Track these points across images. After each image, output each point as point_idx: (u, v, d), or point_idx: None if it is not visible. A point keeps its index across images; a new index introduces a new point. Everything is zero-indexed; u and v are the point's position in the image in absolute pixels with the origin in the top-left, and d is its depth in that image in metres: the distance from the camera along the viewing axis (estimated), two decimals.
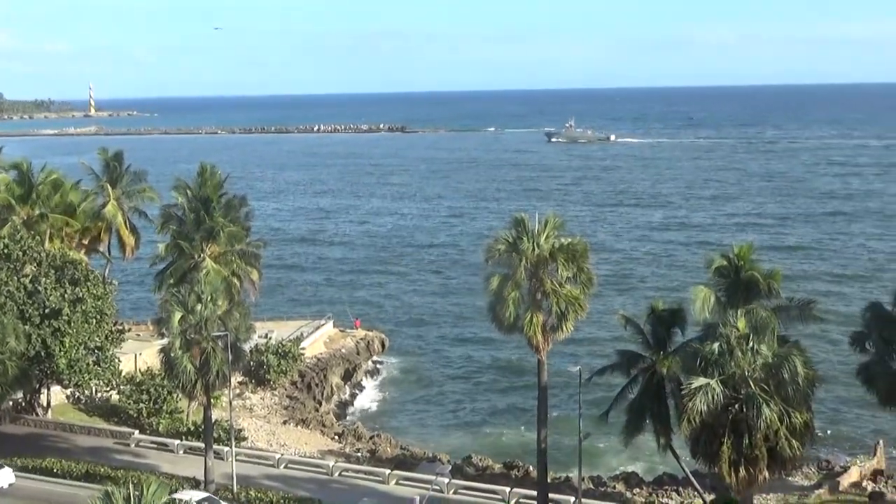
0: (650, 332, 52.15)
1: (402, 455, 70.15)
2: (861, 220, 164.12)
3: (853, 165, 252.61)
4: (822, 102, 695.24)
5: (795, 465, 46.87)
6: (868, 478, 62.65)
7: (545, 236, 50.78)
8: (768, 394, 41.74)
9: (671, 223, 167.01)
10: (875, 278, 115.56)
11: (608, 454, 70.89)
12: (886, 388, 47.41)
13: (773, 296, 48.19)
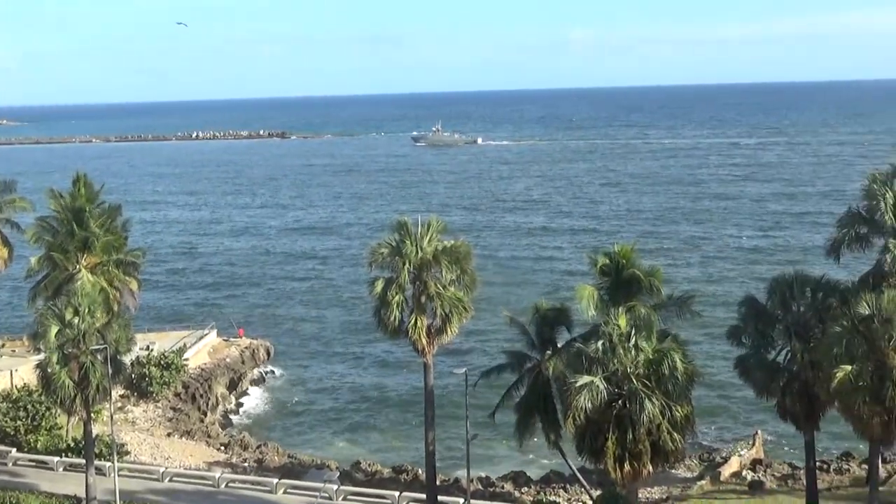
0: (535, 331, 52.72)
1: (290, 463, 69.50)
2: (736, 218, 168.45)
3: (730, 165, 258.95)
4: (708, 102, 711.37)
5: (678, 457, 47.69)
6: (748, 467, 64.33)
7: (428, 239, 50.93)
8: (650, 389, 42.43)
9: (552, 224, 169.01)
10: (749, 274, 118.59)
11: (496, 454, 71.35)
12: (762, 379, 48.66)
13: (654, 293, 49.16)
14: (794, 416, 49.29)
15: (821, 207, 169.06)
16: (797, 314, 48.53)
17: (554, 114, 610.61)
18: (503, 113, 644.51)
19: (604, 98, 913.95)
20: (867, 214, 48.60)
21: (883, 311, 41.61)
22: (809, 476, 53.35)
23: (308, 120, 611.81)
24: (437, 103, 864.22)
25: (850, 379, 40.95)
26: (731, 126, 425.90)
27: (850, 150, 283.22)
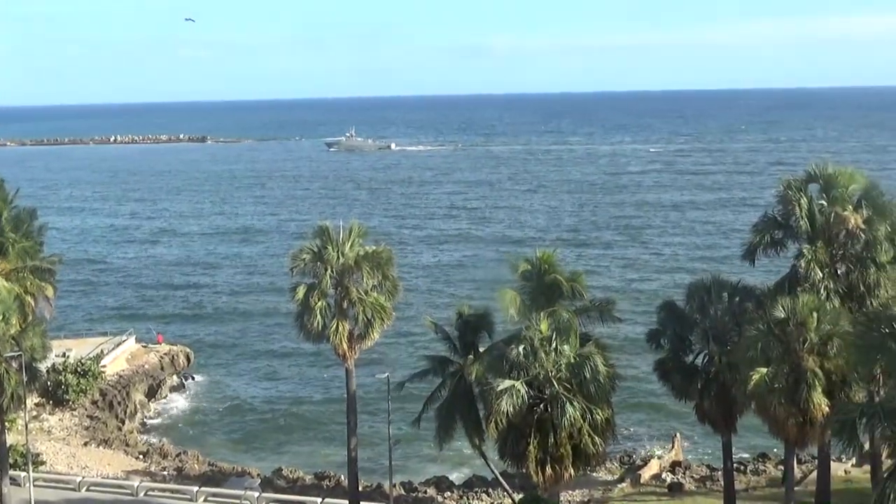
0: (458, 336, 52.87)
1: (211, 471, 68.75)
2: (656, 223, 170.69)
3: (650, 171, 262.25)
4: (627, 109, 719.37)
5: (599, 460, 48.18)
6: (667, 469, 65.20)
7: (350, 245, 50.85)
8: (571, 392, 42.80)
9: (475, 229, 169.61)
10: (669, 278, 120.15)
11: (419, 459, 71.33)
12: (681, 382, 49.36)
13: (575, 297, 49.64)
14: (711, 419, 50.04)
15: (737, 213, 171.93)
16: (714, 318, 49.29)
17: (476, 119, 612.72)
18: (426, 118, 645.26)
19: (526, 104, 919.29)
20: (782, 220, 49.52)
21: (798, 314, 42.40)
22: (727, 477, 54.23)
23: (228, 124, 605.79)
24: (361, 108, 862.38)
25: (765, 381, 41.65)
26: (650, 132, 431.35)
27: (765, 157, 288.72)
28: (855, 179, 48.97)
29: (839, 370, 41.22)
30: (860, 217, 47.57)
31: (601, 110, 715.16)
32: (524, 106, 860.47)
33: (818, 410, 41.34)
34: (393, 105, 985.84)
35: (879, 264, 47.13)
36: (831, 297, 45.69)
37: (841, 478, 59.01)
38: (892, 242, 47.69)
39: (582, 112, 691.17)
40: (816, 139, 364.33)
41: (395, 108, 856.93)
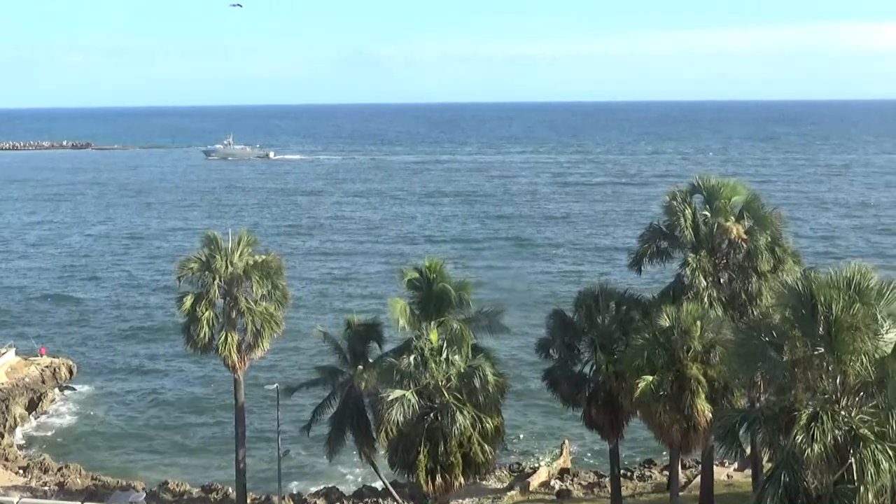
0: (347, 346, 52.68)
1: (94, 486, 67.10)
2: (547, 232, 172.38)
3: (542, 182, 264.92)
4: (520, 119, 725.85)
5: (489, 469, 48.46)
6: (556, 477, 65.84)
7: (239, 254, 50.30)
8: (461, 402, 42.98)
9: (365, 238, 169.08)
10: (558, 287, 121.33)
11: (309, 470, 70.70)
12: (569, 390, 49.95)
13: (464, 307, 49.90)
14: (599, 426, 50.74)
15: (625, 223, 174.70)
16: (602, 327, 50.03)
17: (366, 129, 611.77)
18: (317, 127, 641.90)
19: (416, 114, 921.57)
20: (668, 230, 50.54)
21: (682, 323, 43.31)
22: (614, 483, 55.07)
23: (114, 131, 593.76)
24: (251, 116, 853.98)
25: (651, 389, 42.42)
26: (541, 143, 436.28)
27: (652, 169, 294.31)
28: (737, 191, 50.29)
29: (722, 377, 42.16)
30: (742, 227, 48.87)
31: (492, 120, 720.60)
32: (415, 116, 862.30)
33: (701, 417, 42.25)
34: (282, 114, 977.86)
35: (760, 273, 48.42)
36: (714, 306, 46.77)
37: (723, 482, 60.35)
38: (772, 252, 49.05)
39: (473, 122, 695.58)
40: (701, 151, 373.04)
41: (285, 117, 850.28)
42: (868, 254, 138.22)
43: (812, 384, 30.26)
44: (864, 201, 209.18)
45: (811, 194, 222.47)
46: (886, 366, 28.93)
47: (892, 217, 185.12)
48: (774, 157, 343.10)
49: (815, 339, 29.74)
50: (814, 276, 31.77)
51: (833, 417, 28.69)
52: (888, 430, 28.69)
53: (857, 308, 29.25)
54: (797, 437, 28.44)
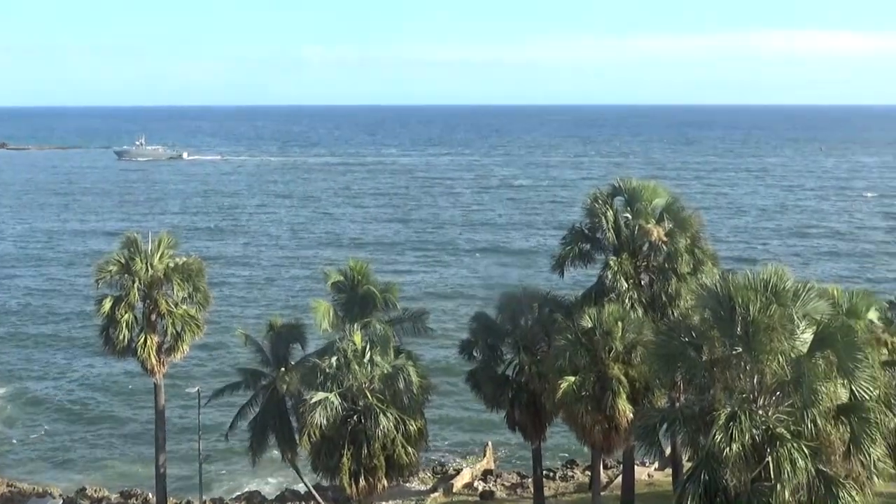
0: (270, 349, 52.29)
1: (9, 492, 65.69)
2: (469, 232, 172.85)
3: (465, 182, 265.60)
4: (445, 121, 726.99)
5: (412, 471, 48.49)
6: (479, 478, 66.01)
7: (159, 256, 49.67)
8: (385, 404, 42.91)
9: (288, 240, 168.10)
10: (482, 290, 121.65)
11: (231, 474, 70.04)
12: (492, 391, 50.05)
13: (389, 309, 49.85)
14: (522, 427, 50.95)
15: (548, 225, 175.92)
16: (525, 328, 50.25)
17: (288, 130, 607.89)
18: (239, 128, 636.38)
19: (340, 116, 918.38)
20: (589, 232, 50.92)
21: (604, 324, 43.70)
22: (536, 484, 55.36)
23: (32, 130, 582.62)
24: (175, 116, 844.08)
25: (573, 389, 42.71)
26: (464, 146, 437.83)
27: (574, 172, 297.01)
28: (658, 193, 50.82)
29: (643, 377, 42.58)
30: (662, 230, 49.39)
31: (414, 123, 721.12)
32: (338, 117, 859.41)
33: (623, 417, 42.65)
34: (203, 115, 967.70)
35: (680, 275, 48.99)
36: (635, 307, 47.20)
37: (644, 481, 61.03)
38: (692, 254, 49.67)
39: (396, 124, 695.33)
40: (622, 154, 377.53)
41: (206, 118, 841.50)
42: (784, 255, 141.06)
43: (730, 384, 30.73)
44: (780, 203, 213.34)
45: (729, 197, 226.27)
46: (802, 365, 29.47)
47: (806, 219, 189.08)
48: (694, 160, 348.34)
49: (734, 339, 30.23)
50: (732, 278, 32.28)
51: (751, 417, 29.16)
52: (804, 428, 29.26)
53: (773, 309, 29.78)
54: (716, 437, 28.85)
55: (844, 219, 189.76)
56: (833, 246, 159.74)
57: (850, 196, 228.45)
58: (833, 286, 41.46)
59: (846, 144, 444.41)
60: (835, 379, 30.06)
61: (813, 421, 29.20)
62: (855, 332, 31.70)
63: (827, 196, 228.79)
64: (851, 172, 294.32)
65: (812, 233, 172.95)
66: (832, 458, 29.74)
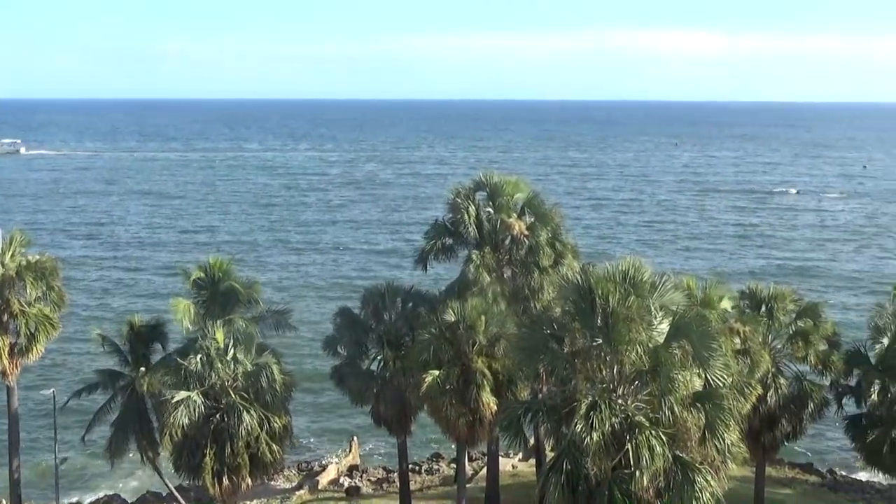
0: (129, 348, 51.10)
1: None
2: (334, 230, 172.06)
3: (328, 178, 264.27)
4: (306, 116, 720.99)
5: (277, 468, 48.04)
6: (345, 474, 65.85)
7: (11, 254, 48.07)
8: (248, 401, 42.44)
9: (146, 237, 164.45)
10: (346, 284, 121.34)
11: (90, 477, 68.22)
12: (357, 387, 49.98)
13: (252, 306, 49.29)
14: (387, 422, 51.02)
15: (412, 219, 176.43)
16: (389, 323, 50.32)
17: (146, 124, 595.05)
18: (91, 122, 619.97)
19: (200, 110, 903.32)
20: (452, 226, 51.24)
21: (467, 318, 44.07)
22: (402, 478, 55.51)
23: None
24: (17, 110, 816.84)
25: (437, 383, 42.98)
26: (327, 140, 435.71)
27: (437, 166, 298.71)
28: (519, 188, 51.48)
29: (506, 370, 43.10)
30: (524, 224, 50.06)
31: (276, 118, 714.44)
32: (198, 111, 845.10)
33: (487, 409, 43.11)
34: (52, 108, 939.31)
35: (542, 268, 49.73)
36: (498, 301, 47.68)
37: (509, 472, 61.82)
38: (553, 248, 50.48)
39: (258, 119, 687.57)
40: (488, 149, 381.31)
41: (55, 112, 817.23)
42: (641, 248, 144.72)
43: (591, 374, 31.34)
44: (636, 197, 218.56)
45: (589, 191, 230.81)
46: (659, 355, 30.25)
47: (662, 212, 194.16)
48: (555, 154, 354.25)
49: (594, 330, 30.84)
50: (592, 270, 32.94)
51: (611, 406, 29.81)
52: (661, 416, 30.06)
53: (632, 300, 30.49)
54: (577, 426, 29.40)
55: (698, 212, 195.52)
56: (688, 238, 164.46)
57: (704, 190, 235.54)
58: (688, 277, 42.67)
59: (700, 139, 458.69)
60: (690, 367, 30.96)
61: (670, 408, 30.01)
62: (709, 321, 32.61)
63: (681, 190, 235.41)
64: (706, 167, 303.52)
65: (668, 226, 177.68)
66: (688, 444, 30.61)
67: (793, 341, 48.05)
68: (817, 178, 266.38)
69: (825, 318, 49.35)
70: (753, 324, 45.64)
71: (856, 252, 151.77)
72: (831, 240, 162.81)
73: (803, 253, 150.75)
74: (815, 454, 71.35)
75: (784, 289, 50.26)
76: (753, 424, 45.55)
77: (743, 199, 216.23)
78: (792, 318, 48.42)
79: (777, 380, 47.23)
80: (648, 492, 29.62)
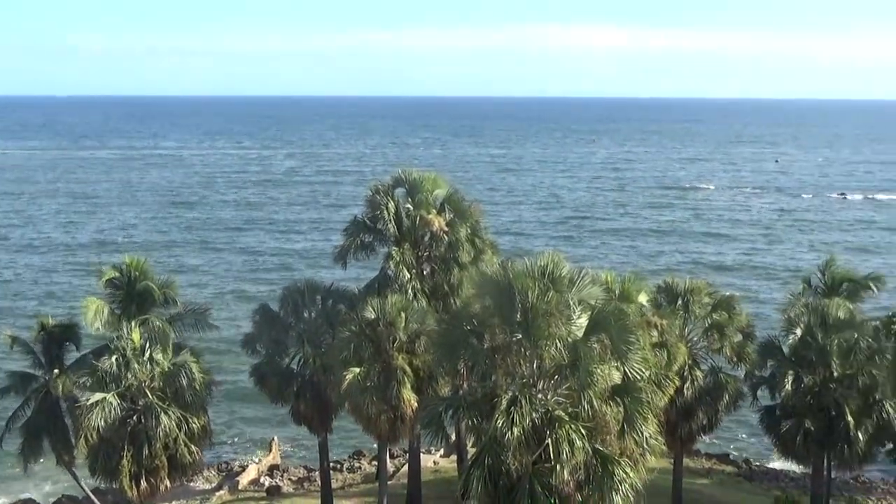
0: (41, 350, 50.05)
1: None
2: (253, 227, 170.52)
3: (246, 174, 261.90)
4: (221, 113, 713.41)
5: (196, 469, 47.60)
6: (265, 473, 65.38)
7: None
8: (166, 402, 41.90)
9: (60, 236, 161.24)
10: (265, 282, 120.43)
11: (3, 481, 66.76)
12: (277, 385, 49.74)
13: (169, 305, 48.61)
14: (307, 420, 50.81)
15: (332, 216, 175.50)
16: (309, 321, 50.12)
17: (59, 122, 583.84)
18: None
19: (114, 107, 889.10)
20: (371, 223, 51.13)
21: (387, 314, 43.98)
22: (323, 477, 55.31)
23: None
24: None
25: (358, 381, 42.82)
26: (243, 137, 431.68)
27: (357, 163, 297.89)
28: (438, 184, 51.58)
29: (427, 366, 43.10)
30: (443, 220, 50.13)
31: (190, 115, 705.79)
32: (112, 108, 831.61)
33: (408, 406, 43.08)
34: None
35: (462, 264, 49.89)
36: (418, 297, 47.75)
37: (430, 469, 61.93)
38: (472, 244, 50.67)
39: (174, 115, 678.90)
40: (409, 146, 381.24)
41: None
42: (560, 243, 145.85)
43: (511, 369, 31.48)
44: (554, 193, 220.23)
45: (507, 187, 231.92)
46: (578, 349, 30.48)
47: (580, 208, 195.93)
48: (473, 151, 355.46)
49: (514, 326, 30.97)
50: (511, 266, 33.06)
51: (531, 401, 29.99)
52: (581, 410, 30.30)
53: (551, 295, 30.68)
54: (498, 421, 29.51)
55: (616, 207, 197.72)
56: (606, 233, 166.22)
57: (621, 185, 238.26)
58: (606, 272, 43.07)
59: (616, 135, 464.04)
60: (609, 361, 31.26)
61: (589, 402, 30.27)
62: (627, 315, 32.95)
63: (600, 186, 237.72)
64: (623, 163, 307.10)
65: (586, 222, 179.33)
66: (608, 438, 30.92)
67: (708, 334, 48.84)
68: (731, 174, 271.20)
69: (739, 311, 50.24)
70: (670, 317, 46.25)
71: (769, 246, 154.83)
72: (746, 234, 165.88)
73: (718, 247, 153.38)
74: (731, 445, 72.69)
75: (700, 282, 51.06)
76: (671, 417, 46.18)
77: (660, 195, 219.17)
78: (707, 311, 49.15)
79: (693, 372, 47.92)
80: (569, 485, 29.87)
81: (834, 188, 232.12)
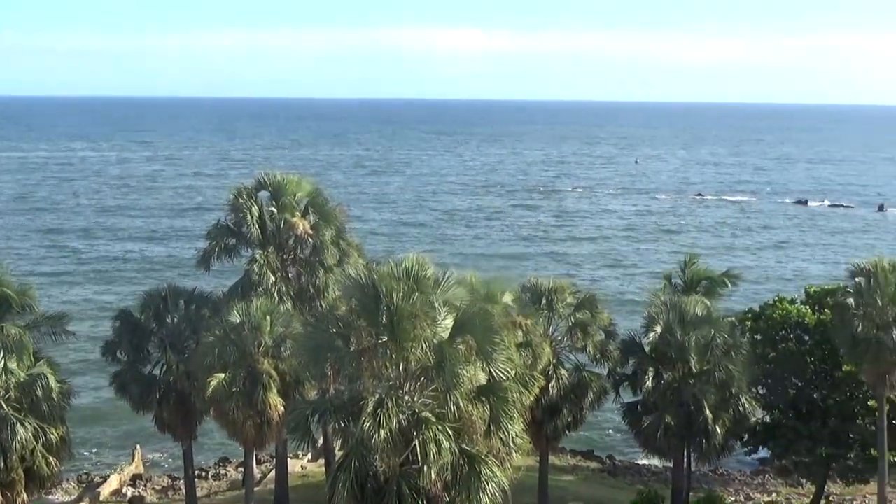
0: None
1: None
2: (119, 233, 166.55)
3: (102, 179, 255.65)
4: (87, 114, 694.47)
5: (55, 482, 46.22)
6: (128, 483, 63.98)
7: None
8: (23, 413, 40.57)
9: None
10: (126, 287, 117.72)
11: None
12: (139, 393, 48.73)
13: (26, 313, 47.07)
14: (171, 428, 49.94)
15: (195, 219, 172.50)
16: (172, 326, 49.25)
17: None
18: None
19: None
20: (235, 227, 50.53)
21: (252, 318, 43.43)
22: (188, 485, 54.40)
23: None
24: None
25: (223, 386, 42.15)
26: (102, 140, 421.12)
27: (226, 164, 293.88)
28: (302, 187, 51.32)
29: (293, 370, 42.71)
30: (308, 223, 49.89)
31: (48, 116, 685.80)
32: None
33: (274, 411, 42.63)
34: None
35: (327, 267, 49.76)
36: (284, 300, 47.39)
37: (298, 474, 61.53)
38: (337, 246, 50.58)
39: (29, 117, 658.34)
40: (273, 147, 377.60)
41: None
42: (425, 244, 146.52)
43: (378, 372, 31.43)
44: (421, 196, 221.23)
45: (373, 190, 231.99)
46: (444, 350, 30.61)
47: (449, 209, 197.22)
48: (340, 152, 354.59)
49: (379, 328, 30.92)
50: (376, 267, 33.04)
51: (398, 403, 29.99)
52: (447, 411, 30.44)
53: (416, 297, 30.75)
54: (365, 424, 29.42)
55: (480, 210, 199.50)
56: (473, 234, 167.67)
57: (486, 187, 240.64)
58: (471, 273, 43.39)
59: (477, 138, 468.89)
60: (474, 362, 31.47)
61: (455, 403, 30.41)
62: (492, 316, 33.24)
63: (464, 189, 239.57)
64: (486, 166, 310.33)
65: (451, 225, 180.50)
66: (475, 437, 31.12)
67: (572, 332, 49.69)
68: (593, 174, 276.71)
69: (601, 310, 51.26)
70: (534, 317, 46.88)
71: (632, 244, 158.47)
72: (609, 234, 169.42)
73: (583, 247, 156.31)
74: (595, 441, 74.13)
75: (563, 282, 51.93)
76: (536, 415, 46.83)
77: (525, 197, 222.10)
78: (571, 311, 50.01)
79: (558, 371, 48.67)
80: (436, 486, 29.97)
81: (692, 189, 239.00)
